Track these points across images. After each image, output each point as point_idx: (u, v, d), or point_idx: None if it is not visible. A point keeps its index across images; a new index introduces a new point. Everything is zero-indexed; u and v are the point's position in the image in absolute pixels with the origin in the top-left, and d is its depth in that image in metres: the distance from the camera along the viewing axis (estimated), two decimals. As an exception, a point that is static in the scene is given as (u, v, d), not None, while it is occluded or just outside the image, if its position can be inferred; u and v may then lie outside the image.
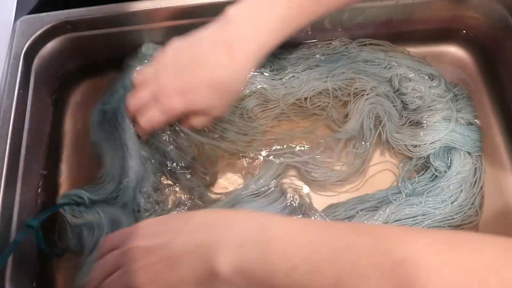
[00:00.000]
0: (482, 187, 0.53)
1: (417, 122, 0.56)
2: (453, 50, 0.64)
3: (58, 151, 0.57)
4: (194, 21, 0.56)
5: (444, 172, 0.53)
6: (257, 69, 0.58)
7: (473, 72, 0.63)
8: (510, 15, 0.57)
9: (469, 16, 0.61)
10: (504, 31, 0.58)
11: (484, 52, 0.62)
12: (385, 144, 0.56)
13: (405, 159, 0.56)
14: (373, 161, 0.56)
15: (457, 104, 0.57)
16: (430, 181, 0.53)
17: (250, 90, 0.57)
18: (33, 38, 0.55)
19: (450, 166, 0.53)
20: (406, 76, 0.58)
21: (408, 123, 0.57)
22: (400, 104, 0.57)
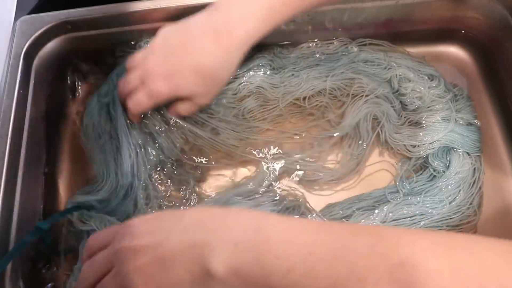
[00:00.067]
0: (481, 187, 0.53)
1: (416, 122, 0.56)
2: (453, 50, 0.64)
3: (58, 151, 0.57)
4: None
5: (442, 172, 0.53)
6: (253, 65, 0.58)
7: (473, 72, 0.63)
8: (510, 15, 0.57)
9: (469, 16, 0.61)
10: (504, 31, 0.58)
11: (484, 52, 0.62)
12: (384, 144, 0.56)
13: (403, 159, 0.56)
14: (371, 160, 0.56)
15: (456, 104, 0.57)
16: (428, 181, 0.53)
17: (249, 90, 0.57)
18: (33, 38, 0.55)
19: (448, 166, 0.53)
20: (406, 76, 0.58)
21: (407, 123, 0.56)
22: (399, 104, 0.57)
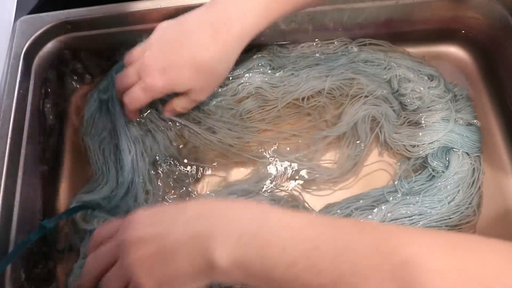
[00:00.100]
0: (480, 187, 0.53)
1: (416, 123, 0.56)
2: (453, 50, 0.64)
3: (58, 151, 0.57)
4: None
5: (441, 172, 0.53)
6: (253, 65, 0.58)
7: (473, 72, 0.63)
8: (510, 15, 0.57)
9: (469, 16, 0.61)
10: (504, 31, 0.58)
11: (484, 52, 0.62)
12: (383, 144, 0.56)
13: (402, 159, 0.56)
14: (370, 160, 0.56)
15: (456, 104, 0.57)
16: (427, 180, 0.53)
17: (248, 91, 0.57)
18: (33, 38, 0.55)
19: (448, 166, 0.53)
20: (406, 77, 0.58)
21: (406, 123, 0.56)
22: (398, 105, 0.57)
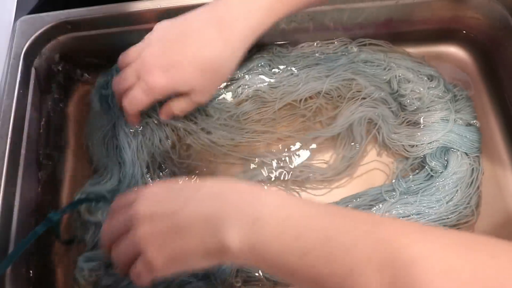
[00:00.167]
0: (479, 187, 0.53)
1: (415, 123, 0.56)
2: (453, 50, 0.64)
3: (58, 151, 0.57)
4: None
5: (440, 172, 0.53)
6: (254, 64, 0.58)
7: (473, 72, 0.63)
8: (510, 15, 0.57)
9: (469, 16, 0.60)
10: (504, 31, 0.58)
11: (484, 52, 0.62)
12: (381, 145, 0.56)
13: (400, 158, 0.56)
14: (368, 159, 0.56)
15: (456, 104, 0.57)
16: (425, 180, 0.53)
17: (247, 94, 0.56)
18: (33, 38, 0.55)
19: (446, 166, 0.53)
20: (405, 77, 0.58)
21: (405, 123, 0.56)
22: (396, 106, 0.57)
